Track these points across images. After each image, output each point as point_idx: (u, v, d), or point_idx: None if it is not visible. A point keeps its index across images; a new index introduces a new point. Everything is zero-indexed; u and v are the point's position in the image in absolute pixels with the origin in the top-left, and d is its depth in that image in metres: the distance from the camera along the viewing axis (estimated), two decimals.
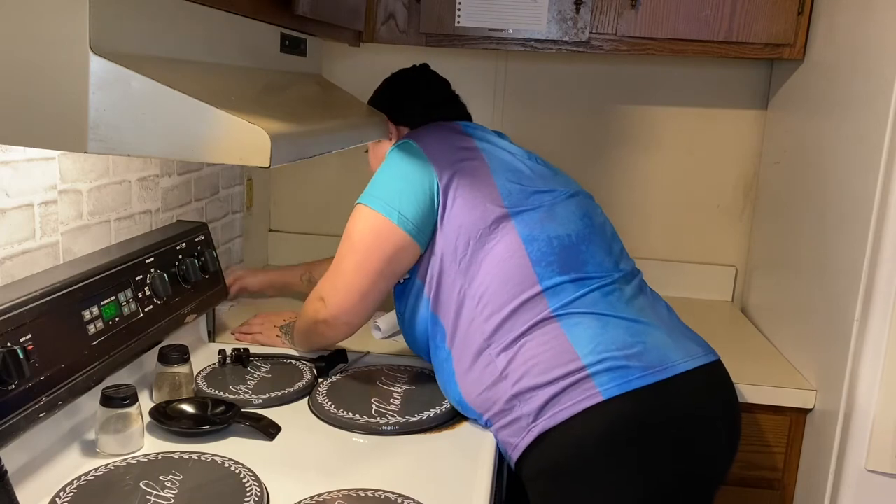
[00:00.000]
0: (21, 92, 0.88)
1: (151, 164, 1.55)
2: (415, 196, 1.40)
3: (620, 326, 1.32)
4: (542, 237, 1.37)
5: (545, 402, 1.27)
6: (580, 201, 1.48)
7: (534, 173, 1.48)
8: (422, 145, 1.44)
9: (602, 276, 1.38)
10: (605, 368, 1.27)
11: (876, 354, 1.46)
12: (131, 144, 0.89)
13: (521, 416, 1.30)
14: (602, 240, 1.44)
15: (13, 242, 1.17)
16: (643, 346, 1.30)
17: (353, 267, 1.42)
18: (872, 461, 1.48)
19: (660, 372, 1.28)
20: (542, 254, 1.36)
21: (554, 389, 1.27)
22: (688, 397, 1.31)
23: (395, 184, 1.42)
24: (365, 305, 1.44)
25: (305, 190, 2.39)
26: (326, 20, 1.44)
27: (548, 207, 1.42)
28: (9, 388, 1.02)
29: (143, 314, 1.36)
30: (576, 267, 1.37)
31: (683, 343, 1.36)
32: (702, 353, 1.36)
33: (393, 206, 1.40)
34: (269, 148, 0.88)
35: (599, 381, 1.26)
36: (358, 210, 1.45)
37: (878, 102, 1.46)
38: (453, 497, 1.18)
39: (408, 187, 1.40)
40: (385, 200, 1.40)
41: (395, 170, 1.43)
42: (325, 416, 1.39)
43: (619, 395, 1.25)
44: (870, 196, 1.46)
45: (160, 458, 1.20)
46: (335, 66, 2.25)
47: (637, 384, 1.26)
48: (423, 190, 1.40)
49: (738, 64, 2.18)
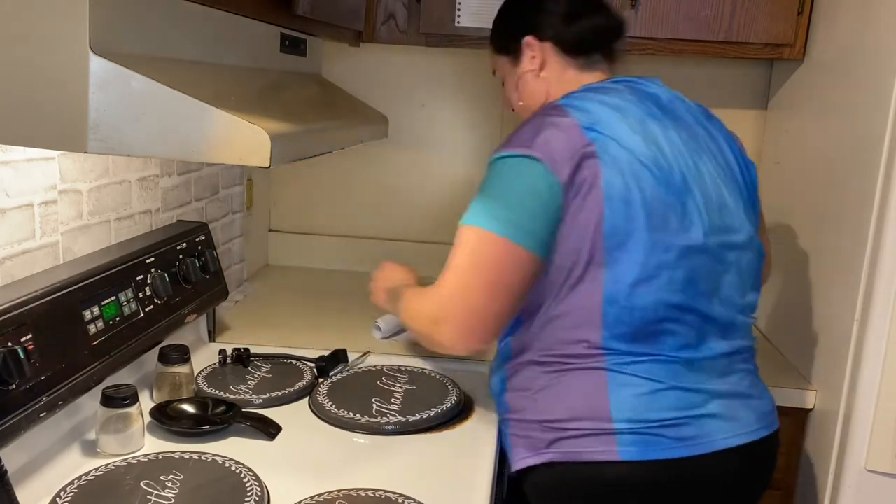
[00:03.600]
0: (21, 92, 0.88)
1: (151, 164, 1.55)
2: (541, 212, 1.20)
3: (671, 397, 1.21)
4: (624, 303, 1.20)
5: (558, 440, 1.23)
6: (705, 263, 1.24)
7: (666, 206, 1.22)
8: (542, 155, 1.19)
9: (675, 357, 1.23)
10: (633, 432, 1.19)
11: (876, 354, 1.46)
12: (131, 144, 0.89)
13: (534, 438, 1.26)
14: (700, 313, 1.24)
15: (13, 242, 1.17)
16: (688, 419, 1.21)
17: (485, 291, 1.21)
18: (872, 461, 1.48)
19: (691, 446, 1.20)
20: (617, 321, 1.21)
21: (571, 435, 1.22)
22: (719, 475, 1.24)
23: (518, 199, 1.20)
24: (495, 325, 1.25)
25: (305, 190, 2.39)
26: (326, 20, 1.44)
27: (654, 267, 1.20)
28: (9, 387, 1.02)
29: (143, 314, 1.36)
30: (650, 342, 1.22)
31: (741, 416, 1.25)
32: (754, 427, 1.26)
33: (519, 228, 1.19)
34: (269, 148, 0.88)
35: (622, 441, 1.19)
36: (477, 234, 1.21)
37: (878, 102, 1.46)
38: (454, 497, 1.18)
39: (534, 205, 1.20)
40: (508, 222, 1.20)
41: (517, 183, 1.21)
42: (326, 416, 1.39)
43: (638, 461, 1.19)
44: (870, 196, 1.46)
45: (160, 457, 1.20)
46: (335, 66, 2.25)
47: (660, 455, 1.19)
48: (552, 207, 1.20)
49: (738, 64, 2.18)
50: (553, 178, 1.19)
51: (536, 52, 1.37)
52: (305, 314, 1.96)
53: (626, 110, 1.27)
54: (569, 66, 1.38)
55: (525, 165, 1.20)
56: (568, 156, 1.20)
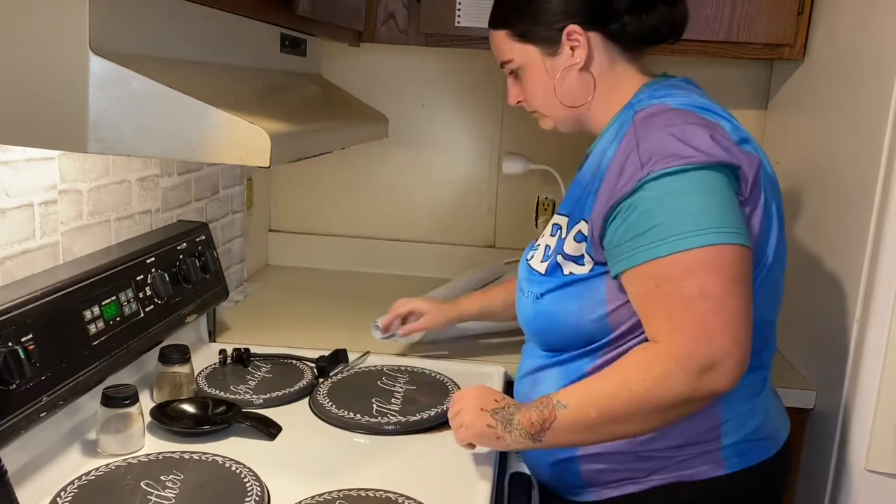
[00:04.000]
0: (21, 92, 0.88)
1: (151, 164, 1.55)
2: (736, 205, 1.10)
3: (760, 406, 1.22)
4: (758, 318, 1.11)
5: (668, 466, 1.18)
6: (781, 270, 1.23)
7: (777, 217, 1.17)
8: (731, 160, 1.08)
9: (768, 364, 1.25)
10: (735, 444, 1.19)
11: (876, 354, 1.46)
12: (131, 144, 0.89)
13: (633, 469, 1.19)
14: (775, 323, 1.27)
15: (13, 242, 1.17)
16: (768, 421, 1.24)
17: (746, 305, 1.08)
18: (872, 461, 1.48)
19: (773, 445, 1.24)
20: None
21: (681, 457, 1.17)
22: (782, 468, 1.28)
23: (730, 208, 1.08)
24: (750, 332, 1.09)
25: (305, 190, 2.39)
26: (326, 20, 1.44)
27: (773, 282, 1.19)
28: (10, 387, 1.02)
29: (143, 314, 1.36)
30: (758, 354, 1.18)
31: (779, 407, 1.31)
32: (784, 416, 1.31)
33: (745, 234, 1.09)
34: (269, 148, 0.88)
35: (726, 454, 1.18)
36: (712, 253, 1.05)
37: (878, 102, 1.46)
38: (454, 497, 1.18)
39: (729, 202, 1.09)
40: (739, 228, 1.08)
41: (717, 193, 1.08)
42: (326, 416, 1.39)
43: (741, 470, 1.20)
44: (870, 196, 1.46)
45: (161, 457, 1.20)
46: (335, 66, 2.25)
47: (755, 459, 1.21)
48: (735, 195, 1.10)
49: (738, 64, 2.18)
50: (736, 185, 1.09)
51: (582, 43, 1.20)
52: (305, 314, 1.96)
53: (729, 116, 1.18)
54: (617, 60, 1.23)
55: (713, 176, 1.07)
56: (746, 163, 1.10)
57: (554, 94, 1.25)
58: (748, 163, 1.10)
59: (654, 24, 1.21)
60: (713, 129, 1.10)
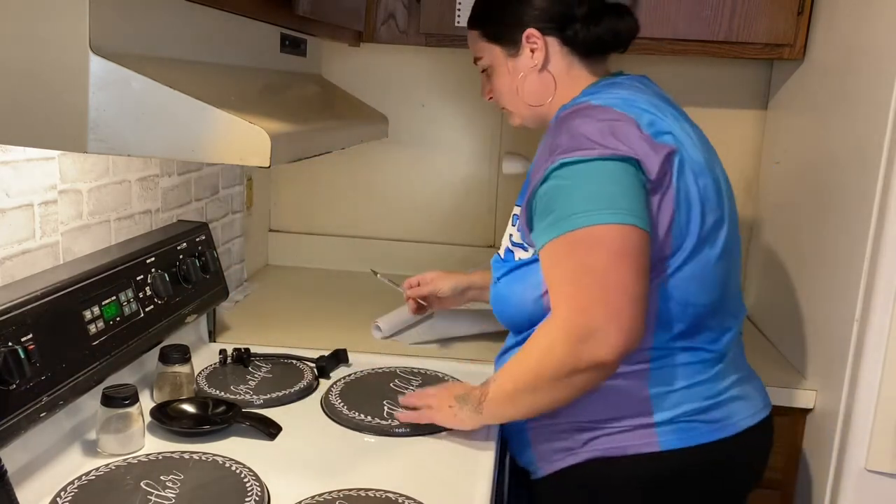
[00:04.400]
0: (21, 92, 0.88)
1: (151, 164, 1.55)
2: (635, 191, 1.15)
3: (703, 389, 1.25)
4: (680, 300, 1.20)
5: (598, 437, 1.24)
6: (730, 260, 1.27)
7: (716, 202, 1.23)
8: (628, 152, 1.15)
9: (709, 348, 1.27)
10: (671, 423, 1.23)
11: (876, 354, 1.46)
12: (131, 144, 0.89)
13: (569, 440, 1.26)
14: (725, 307, 1.28)
15: (13, 242, 1.17)
16: (716, 404, 1.25)
17: (624, 275, 1.12)
18: (872, 461, 1.48)
19: (721, 429, 1.25)
20: (671, 317, 1.21)
21: (612, 429, 1.24)
22: (742, 455, 1.29)
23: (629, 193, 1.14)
24: (644, 315, 1.15)
25: (305, 190, 2.39)
26: (326, 20, 1.44)
27: (705, 263, 1.22)
28: (10, 387, 1.02)
29: (143, 314, 1.36)
30: (691, 336, 1.24)
31: (752, 395, 1.32)
32: (761, 405, 1.33)
33: (644, 217, 1.14)
34: (269, 148, 0.88)
35: (662, 432, 1.23)
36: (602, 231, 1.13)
37: (878, 102, 1.46)
38: (454, 497, 1.18)
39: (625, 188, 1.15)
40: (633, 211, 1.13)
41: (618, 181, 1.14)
42: (337, 417, 1.39)
43: (676, 448, 1.22)
44: (870, 196, 1.46)
45: (161, 457, 1.20)
46: (335, 66, 2.25)
47: (696, 441, 1.23)
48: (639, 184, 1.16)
49: (738, 64, 2.18)
50: (643, 176, 1.15)
51: (539, 46, 1.29)
52: (305, 314, 1.96)
53: (662, 108, 1.24)
54: (573, 62, 1.32)
55: (612, 166, 1.13)
56: (652, 154, 1.15)
57: (517, 92, 1.35)
58: (655, 154, 1.16)
59: (601, 33, 1.30)
60: (620, 124, 1.17)
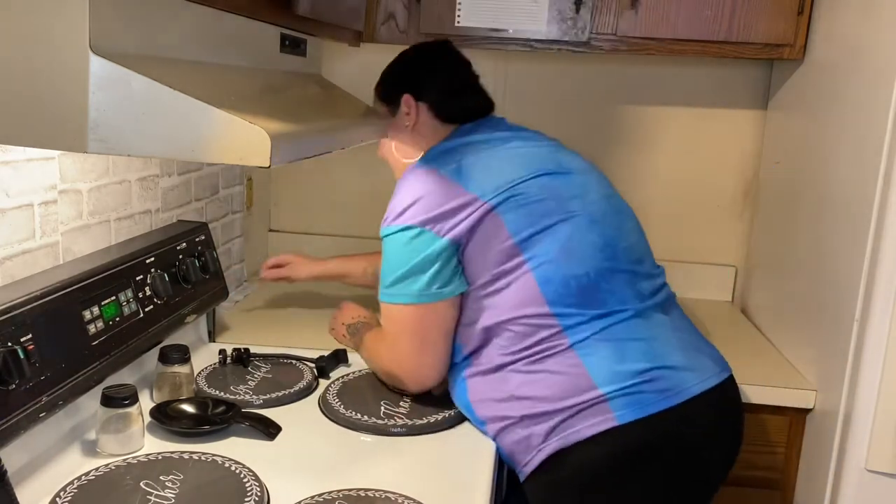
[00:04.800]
0: (21, 92, 0.88)
1: (151, 164, 1.55)
2: (439, 266, 1.36)
3: (638, 353, 1.32)
4: (557, 279, 1.34)
5: (557, 425, 1.28)
6: (604, 226, 1.40)
7: (547, 198, 1.38)
8: (424, 224, 1.35)
9: (624, 310, 1.35)
10: (621, 394, 1.27)
11: (876, 354, 1.46)
12: (131, 144, 0.89)
13: (531, 436, 1.30)
14: (626, 268, 1.39)
15: (13, 242, 1.17)
16: (659, 370, 1.30)
17: (416, 347, 1.41)
18: (872, 461, 1.48)
19: (673, 396, 1.29)
20: (559, 295, 1.33)
21: (567, 413, 1.28)
22: (698, 421, 1.32)
23: (417, 270, 1.36)
24: (444, 365, 1.42)
25: (305, 190, 2.39)
26: (326, 20, 1.44)
27: (564, 242, 1.35)
28: (9, 387, 1.02)
29: (143, 314, 1.36)
30: (596, 304, 1.34)
31: (699, 362, 1.36)
32: (716, 371, 1.37)
33: (425, 290, 1.36)
34: (268, 148, 0.88)
35: (615, 405, 1.27)
36: (392, 309, 1.41)
37: (878, 102, 1.46)
38: (454, 497, 1.18)
39: (430, 266, 1.36)
40: (416, 291, 1.37)
41: (408, 256, 1.37)
42: (335, 416, 1.39)
43: (634, 420, 1.26)
44: (870, 196, 1.46)
45: (160, 457, 1.20)
46: (335, 66, 2.25)
47: (651, 409, 1.27)
48: (446, 258, 1.36)
49: (737, 64, 2.18)
50: (440, 240, 1.35)
51: (412, 110, 1.51)
52: (305, 314, 1.96)
53: (491, 142, 1.46)
54: (438, 127, 1.52)
55: (409, 234, 1.36)
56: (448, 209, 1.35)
57: (392, 149, 1.57)
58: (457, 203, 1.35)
59: (456, 109, 1.52)
60: (428, 189, 1.37)
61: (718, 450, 1.38)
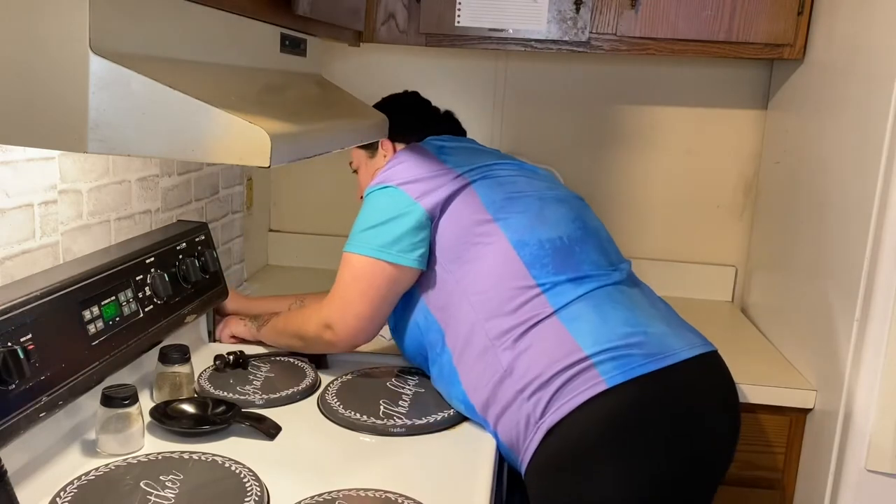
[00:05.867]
0: (21, 92, 0.88)
1: (151, 164, 1.55)
2: (407, 229, 1.43)
3: (620, 318, 1.34)
4: (532, 241, 1.40)
5: (551, 397, 1.28)
6: (571, 205, 1.51)
7: (518, 177, 1.52)
8: (402, 185, 1.46)
9: (599, 275, 1.40)
10: (608, 357, 1.29)
11: (876, 354, 1.46)
12: (131, 144, 0.89)
13: (528, 415, 1.30)
14: (596, 241, 1.47)
15: (13, 242, 1.17)
16: (644, 335, 1.33)
17: (359, 296, 1.46)
18: (872, 461, 1.48)
19: (662, 359, 1.30)
20: (535, 257, 1.39)
21: (559, 382, 1.28)
22: (690, 384, 1.33)
23: (386, 226, 1.44)
24: (374, 327, 1.49)
25: (305, 190, 2.39)
26: (326, 20, 1.44)
27: (536, 211, 1.45)
28: (9, 387, 1.02)
29: (143, 314, 1.36)
30: (572, 267, 1.39)
31: (683, 333, 1.39)
32: (701, 343, 1.39)
33: (386, 247, 1.43)
34: (269, 148, 0.88)
35: (603, 370, 1.28)
36: (352, 257, 1.47)
37: (878, 102, 1.46)
38: (453, 497, 1.18)
39: (398, 227, 1.44)
40: (378, 245, 1.44)
41: (381, 212, 1.46)
42: (333, 416, 1.39)
43: (623, 382, 1.27)
44: (870, 196, 1.46)
45: (160, 457, 1.20)
46: (335, 66, 2.25)
47: (640, 371, 1.28)
48: (415, 223, 1.43)
49: (737, 64, 2.18)
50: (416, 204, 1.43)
51: (389, 151, 1.62)
52: None
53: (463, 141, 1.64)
54: None
55: (391, 195, 1.46)
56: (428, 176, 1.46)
57: (369, 180, 1.60)
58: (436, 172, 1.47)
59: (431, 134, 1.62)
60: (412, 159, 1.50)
61: (720, 422, 1.35)
